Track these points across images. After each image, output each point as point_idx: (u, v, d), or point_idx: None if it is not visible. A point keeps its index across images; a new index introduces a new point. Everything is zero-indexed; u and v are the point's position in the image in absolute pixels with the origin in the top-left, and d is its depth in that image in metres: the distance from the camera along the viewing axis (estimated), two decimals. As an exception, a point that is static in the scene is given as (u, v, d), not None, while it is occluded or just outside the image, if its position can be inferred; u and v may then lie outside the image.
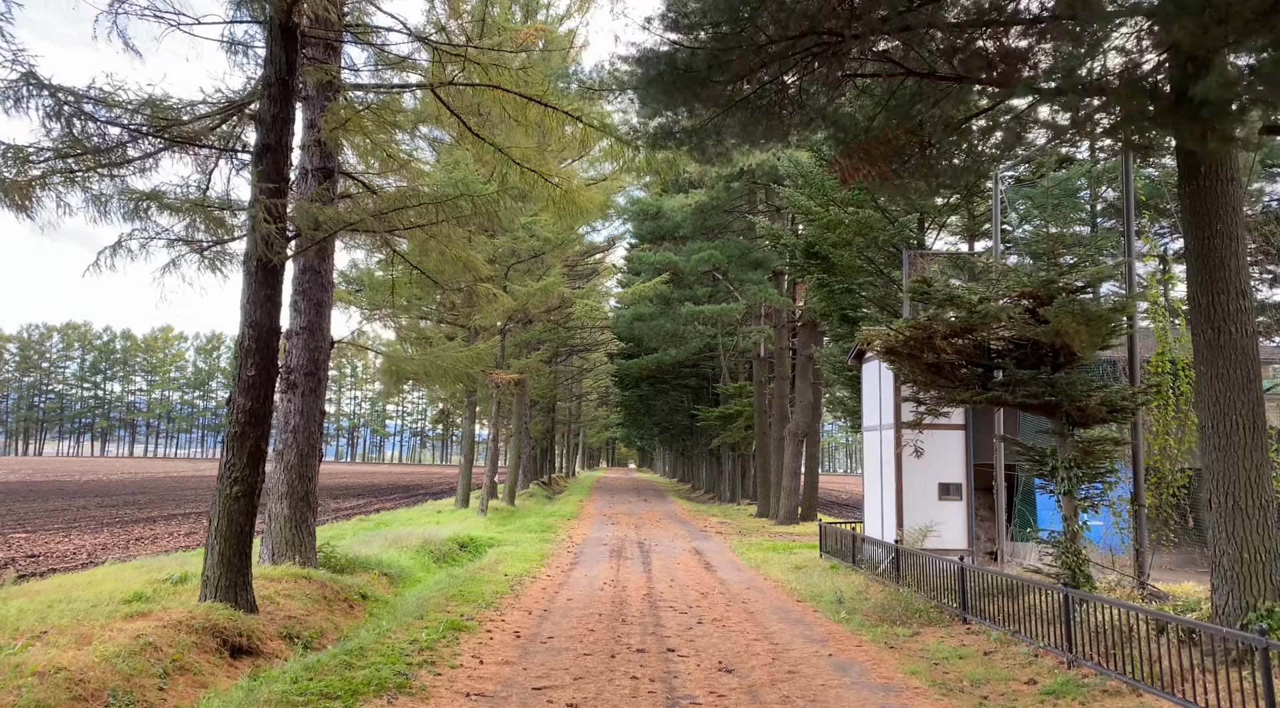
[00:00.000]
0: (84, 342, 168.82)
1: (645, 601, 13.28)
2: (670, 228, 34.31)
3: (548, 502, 42.25)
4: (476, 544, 20.58)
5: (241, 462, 10.02)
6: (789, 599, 13.71)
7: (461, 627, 10.39)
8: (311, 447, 13.40)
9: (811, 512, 32.14)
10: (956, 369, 12.69)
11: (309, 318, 13.47)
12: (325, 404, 13.76)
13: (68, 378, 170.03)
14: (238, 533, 9.99)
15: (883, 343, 12.55)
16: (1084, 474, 11.70)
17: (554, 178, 14.98)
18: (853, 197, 20.57)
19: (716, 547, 22.28)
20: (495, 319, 28.28)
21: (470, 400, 32.54)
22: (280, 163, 10.25)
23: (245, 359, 10.11)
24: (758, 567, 17.96)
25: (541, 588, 14.29)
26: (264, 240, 9.84)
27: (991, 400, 11.81)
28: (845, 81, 11.21)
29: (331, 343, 13.86)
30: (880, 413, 18.26)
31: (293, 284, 13.59)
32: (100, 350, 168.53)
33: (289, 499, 13.15)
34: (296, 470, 13.25)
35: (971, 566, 12.52)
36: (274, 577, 11.46)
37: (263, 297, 10.19)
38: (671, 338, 34.83)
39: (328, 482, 67.97)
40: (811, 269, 21.67)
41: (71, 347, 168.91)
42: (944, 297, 11.15)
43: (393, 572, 15.04)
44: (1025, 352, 11.73)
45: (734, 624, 11.44)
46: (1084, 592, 10.20)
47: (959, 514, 17.26)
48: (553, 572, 16.52)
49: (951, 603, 12.56)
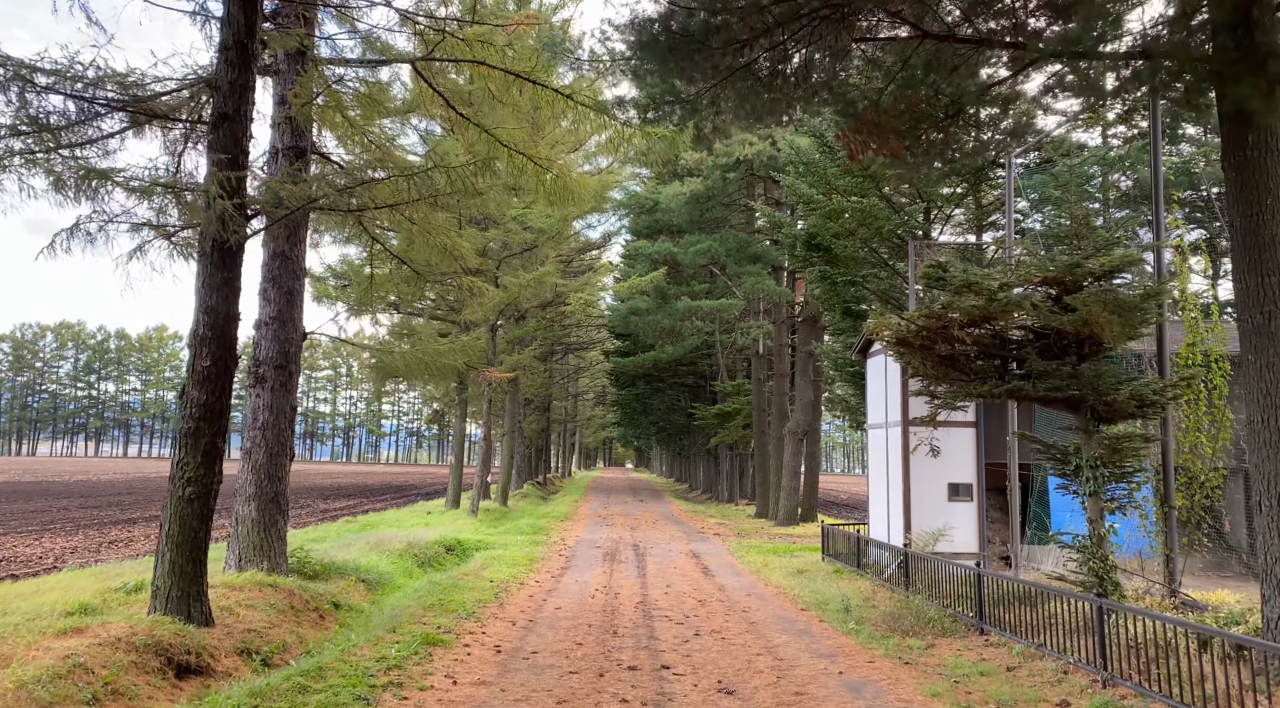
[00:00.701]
0: (78, 341, 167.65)
1: (639, 609, 12.42)
2: (667, 221, 33.43)
3: (542, 502, 41.38)
4: (464, 547, 19.71)
5: (195, 460, 9.15)
6: (792, 607, 12.85)
7: (437, 641, 9.52)
8: (281, 445, 12.52)
9: (811, 512, 31.28)
10: (972, 361, 11.85)
11: (279, 307, 12.60)
12: (297, 400, 12.89)
13: (61, 378, 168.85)
14: (191, 539, 9.12)
15: (894, 333, 11.69)
16: (1110, 474, 10.86)
17: (545, 162, 14.12)
18: (856, 184, 19.74)
19: (714, 550, 21.42)
20: (486, 314, 27.42)
21: (461, 398, 31.66)
22: (238, 134, 9.38)
23: (200, 349, 9.24)
24: (758, 571, 17.11)
25: (529, 595, 13.42)
26: (219, 218, 8.96)
27: (1011, 394, 10.96)
28: (854, 47, 10.36)
29: (303, 334, 12.99)
30: (886, 409, 17.42)
31: (262, 271, 12.73)
32: (94, 350, 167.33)
33: (257, 501, 12.28)
34: (265, 470, 12.38)
35: (989, 572, 11.67)
36: (236, 585, 10.58)
37: (219, 280, 9.31)
38: (668, 334, 33.95)
39: (320, 482, 66.99)
40: (813, 261, 20.82)
41: (65, 346, 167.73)
42: (961, 283, 10.29)
43: (371, 578, 14.17)
44: (1048, 342, 10.88)
45: (734, 636, 10.58)
46: (1118, 602, 9.36)
47: (970, 516, 16.42)
48: (542, 577, 15.66)
49: (967, 612, 11.72)
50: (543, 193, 14.84)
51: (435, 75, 14.19)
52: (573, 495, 49.49)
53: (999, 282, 10.13)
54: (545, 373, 46.42)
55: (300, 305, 12.88)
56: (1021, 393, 10.94)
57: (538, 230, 27.98)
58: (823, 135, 20.46)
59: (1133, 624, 9.18)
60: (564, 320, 52.22)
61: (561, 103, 13.75)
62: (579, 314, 36.24)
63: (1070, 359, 10.83)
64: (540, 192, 14.84)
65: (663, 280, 29.61)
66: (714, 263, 30.96)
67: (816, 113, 11.42)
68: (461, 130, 14.54)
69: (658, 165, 32.43)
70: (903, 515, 16.43)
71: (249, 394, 12.61)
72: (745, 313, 33.54)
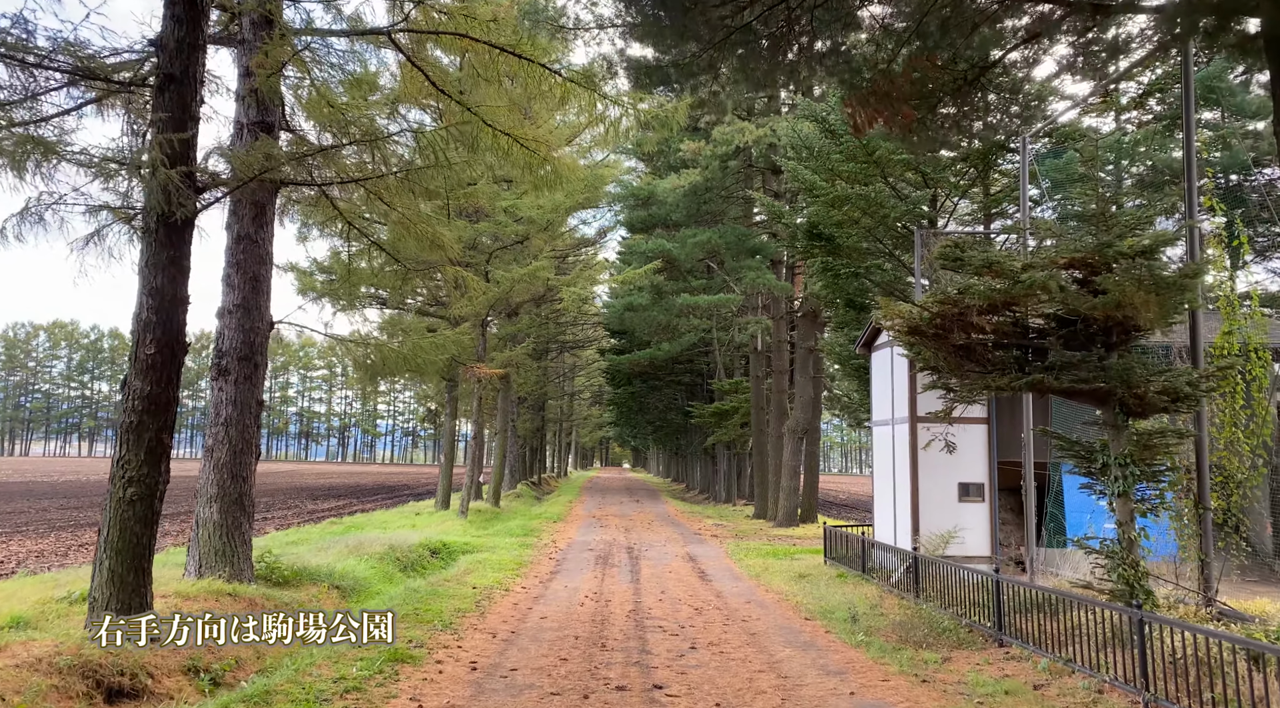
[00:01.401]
0: (71, 341, 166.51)
1: (631, 619, 11.55)
2: (663, 215, 32.55)
3: (535, 503, 40.49)
4: (450, 550, 18.82)
5: (138, 458, 8.27)
6: (796, 616, 11.98)
7: (405, 657, 8.64)
8: (246, 442, 11.64)
9: (811, 513, 30.43)
10: (990, 351, 10.99)
11: (244, 294, 11.71)
12: (263, 394, 12.01)
13: (54, 377, 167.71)
14: (133, 545, 8.24)
15: (905, 322, 10.83)
16: (1141, 472, 10.00)
17: (532, 143, 13.24)
18: (860, 170, 18.88)
19: (712, 552, 20.55)
20: (476, 309, 26.54)
21: (451, 396, 30.77)
22: (186, 97, 8.49)
23: (143, 334, 8.36)
24: (757, 576, 16.24)
25: (513, 603, 12.54)
26: (164, 190, 8.08)
27: (1033, 386, 10.09)
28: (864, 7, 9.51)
29: (271, 324, 12.10)
30: (893, 405, 16.56)
31: (226, 255, 11.84)
32: (87, 349, 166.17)
33: (219, 502, 11.39)
34: (229, 469, 11.49)
35: (1009, 578, 10.82)
36: (190, 595, 9.70)
37: (164, 259, 8.43)
38: (664, 330, 33.07)
39: (313, 482, 66.04)
40: (815, 251, 19.95)
41: (58, 346, 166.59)
42: (981, 263, 9.42)
43: (346, 584, 13.28)
44: (1073, 330, 10.02)
45: (734, 650, 9.71)
46: (1159, 614, 8.51)
47: (981, 517, 15.57)
48: (529, 583, 14.78)
49: (985, 622, 10.86)
50: (530, 177, 13.97)
51: (415, 47, 13.34)
52: (567, 496, 48.61)
53: (1022, 263, 9.26)
54: (539, 371, 45.53)
55: (267, 293, 12.00)
56: (1044, 385, 10.08)
57: (529, 222, 27.09)
58: (825, 119, 19.61)
59: (1171, 638, 8.35)
60: (559, 318, 51.36)
61: (548, 79, 12.88)
62: (573, 310, 35.37)
63: (1097, 349, 9.97)
64: (528, 176, 13.97)
65: (659, 277, 28.74)
66: (711, 256, 30.09)
67: (821, 81, 10.56)
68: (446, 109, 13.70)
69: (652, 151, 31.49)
70: (910, 517, 15.57)
71: (211, 388, 11.73)
72: (743, 308, 32.68)
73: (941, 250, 9.68)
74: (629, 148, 31.74)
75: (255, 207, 11.79)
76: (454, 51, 13.65)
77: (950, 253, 9.66)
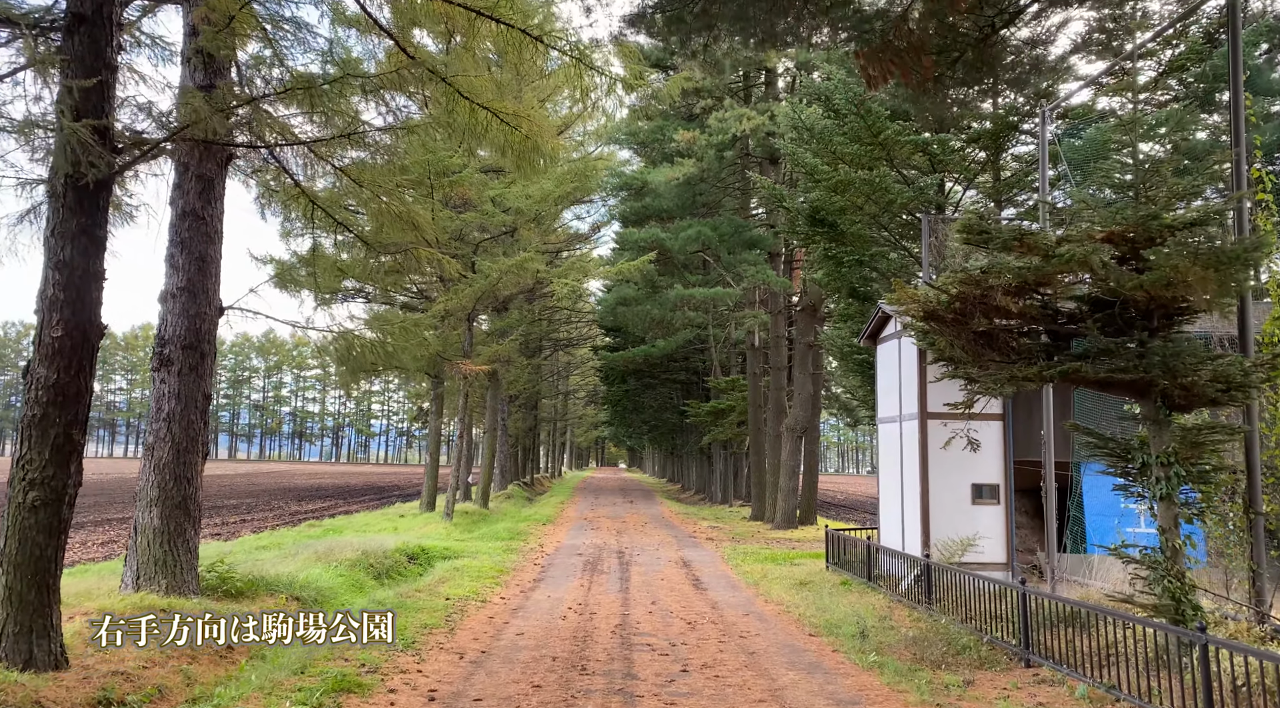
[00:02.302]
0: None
1: (616, 635, 10.44)
2: (657, 208, 31.42)
3: (527, 504, 39.35)
4: (428, 556, 17.70)
5: (42, 457, 7.17)
6: (799, 632, 10.88)
7: (353, 686, 7.53)
8: (191, 440, 10.52)
9: (810, 515, 29.35)
10: (1014, 339, 9.91)
11: (189, 276, 10.59)
12: (211, 386, 10.89)
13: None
14: (35, 558, 7.13)
15: (921, 307, 9.73)
16: (1187, 473, 8.92)
17: (512, 118, 12.12)
18: (864, 153, 17.78)
19: (707, 557, 19.45)
20: (463, 302, 25.43)
21: (436, 393, 29.66)
22: (99, 42, 7.38)
23: (49, 314, 7.25)
24: (756, 584, 15.14)
25: (488, 617, 11.43)
26: (70, 146, 6.97)
27: (1065, 376, 9.01)
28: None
29: (220, 309, 10.98)
30: (900, 401, 15.47)
31: (170, 233, 10.73)
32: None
33: (160, 506, 10.28)
34: (171, 470, 10.37)
35: (1037, 590, 9.74)
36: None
37: (74, 227, 7.31)
38: (658, 325, 31.95)
39: (302, 482, 64.83)
40: (817, 237, 18.85)
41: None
42: (1011, 236, 8.33)
43: (307, 595, 12.15)
44: (1110, 313, 8.93)
45: (730, 673, 8.62)
46: (1220, 637, 7.43)
47: (997, 521, 14.49)
48: (509, 593, 13.67)
49: (1009, 638, 9.78)
50: (511, 155, 12.82)
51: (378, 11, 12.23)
52: (559, 497, 47.49)
53: (1056, 236, 8.17)
54: (530, 368, 44.39)
55: (215, 275, 10.88)
56: (1078, 375, 8.99)
57: (517, 212, 25.98)
58: (829, 99, 18.52)
59: (1231, 663, 7.29)
60: (552, 315, 50.20)
61: (530, 48, 11.75)
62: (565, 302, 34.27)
63: (1138, 334, 8.90)
64: (509, 154, 12.83)
65: (653, 269, 27.64)
66: (707, 249, 28.98)
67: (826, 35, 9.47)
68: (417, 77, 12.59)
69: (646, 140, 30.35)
70: (920, 521, 14.49)
71: (153, 380, 10.61)
72: (740, 303, 31.58)
73: (964, 223, 8.59)
74: (622, 137, 30.63)
75: (201, 180, 10.68)
76: (428, 19, 12.55)
77: (974, 225, 8.57)
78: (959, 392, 10.41)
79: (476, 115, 12.19)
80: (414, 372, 29.49)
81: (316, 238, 12.97)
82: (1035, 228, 12.15)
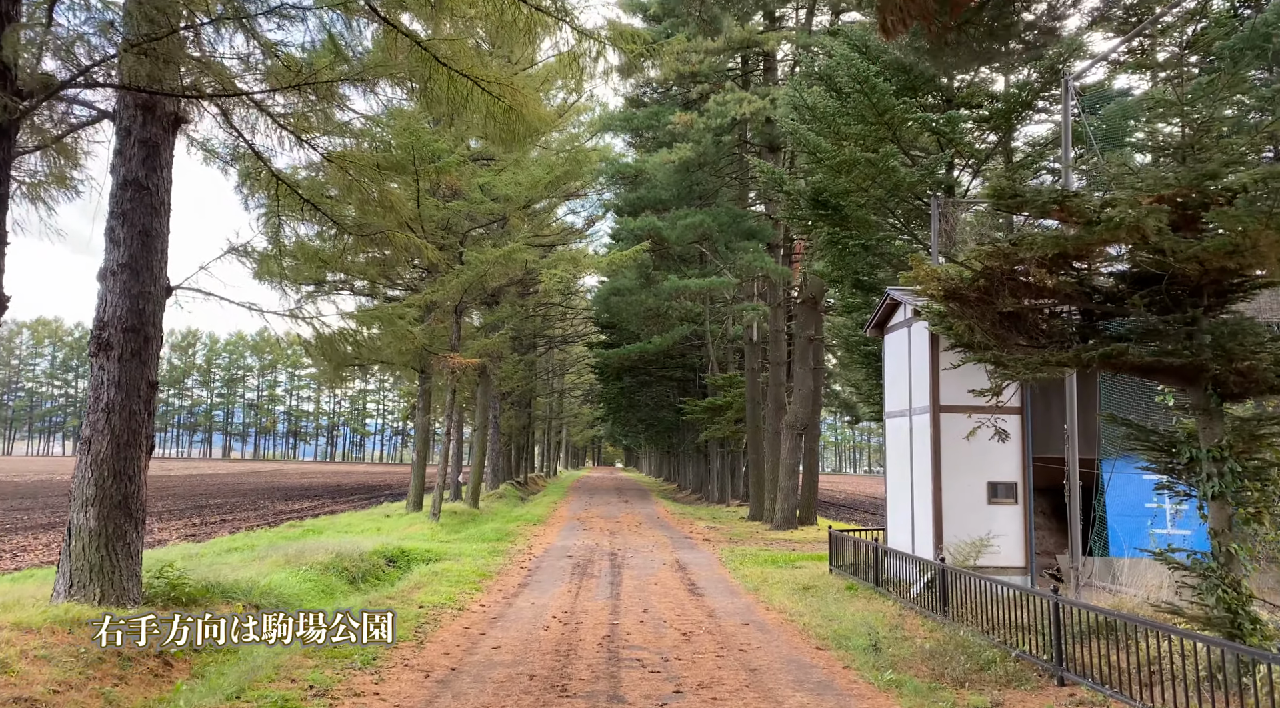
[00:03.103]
0: (55, 338, 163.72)
1: (603, 649, 9.45)
2: (653, 198, 30.37)
3: (519, 504, 38.32)
4: (408, 558, 16.68)
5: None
6: (805, 644, 9.88)
7: (293, 714, 6.53)
8: (133, 433, 9.50)
9: (810, 515, 28.36)
10: (1043, 320, 8.94)
11: (131, 252, 9.57)
12: (157, 374, 9.87)
13: (38, 375, 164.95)
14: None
15: (941, 285, 8.75)
16: (1243, 469, 7.95)
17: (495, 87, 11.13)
18: (870, 132, 16.79)
19: (704, 560, 18.46)
20: (448, 293, 24.42)
21: (424, 388, 28.64)
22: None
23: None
24: (756, 589, 14.15)
25: (463, 627, 10.42)
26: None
27: (1107, 360, 8.02)
28: None
29: (167, 288, 9.97)
30: (910, 393, 14.49)
31: (110, 203, 9.71)
32: (71, 347, 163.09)
33: (98, 506, 9.26)
34: (110, 466, 9.35)
35: (1072, 600, 8.76)
36: (32, 627, 7.57)
37: (-31, 182, 6.31)
38: (654, 318, 30.93)
39: (293, 482, 63.71)
40: (819, 222, 17.85)
41: (42, 343, 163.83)
42: (1051, 198, 7.33)
43: (268, 603, 11.13)
44: (1157, 288, 7.96)
45: (730, 695, 7.62)
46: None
47: (1014, 522, 13.51)
48: (490, 600, 12.67)
49: (1039, 653, 8.79)
50: (495, 127, 11.83)
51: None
52: (553, 496, 46.47)
53: (1103, 200, 7.19)
54: (524, 365, 43.35)
55: (162, 251, 9.86)
56: (1120, 359, 8.01)
57: (505, 200, 24.95)
58: (830, 77, 17.52)
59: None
60: (547, 311, 49.14)
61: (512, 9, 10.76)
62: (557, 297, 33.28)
63: (1188, 312, 7.92)
64: (492, 125, 11.84)
65: (648, 259, 26.64)
66: (705, 239, 27.96)
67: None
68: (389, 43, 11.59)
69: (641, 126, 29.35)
70: (932, 521, 13.51)
71: (90, 366, 9.60)
72: (738, 295, 30.58)
73: (995, 187, 7.61)
74: (617, 124, 29.59)
75: (145, 146, 9.65)
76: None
77: (1006, 189, 7.57)
78: (980, 380, 9.41)
79: (455, 84, 11.24)
80: (399, 366, 28.49)
81: (277, 213, 11.92)
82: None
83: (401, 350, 24.86)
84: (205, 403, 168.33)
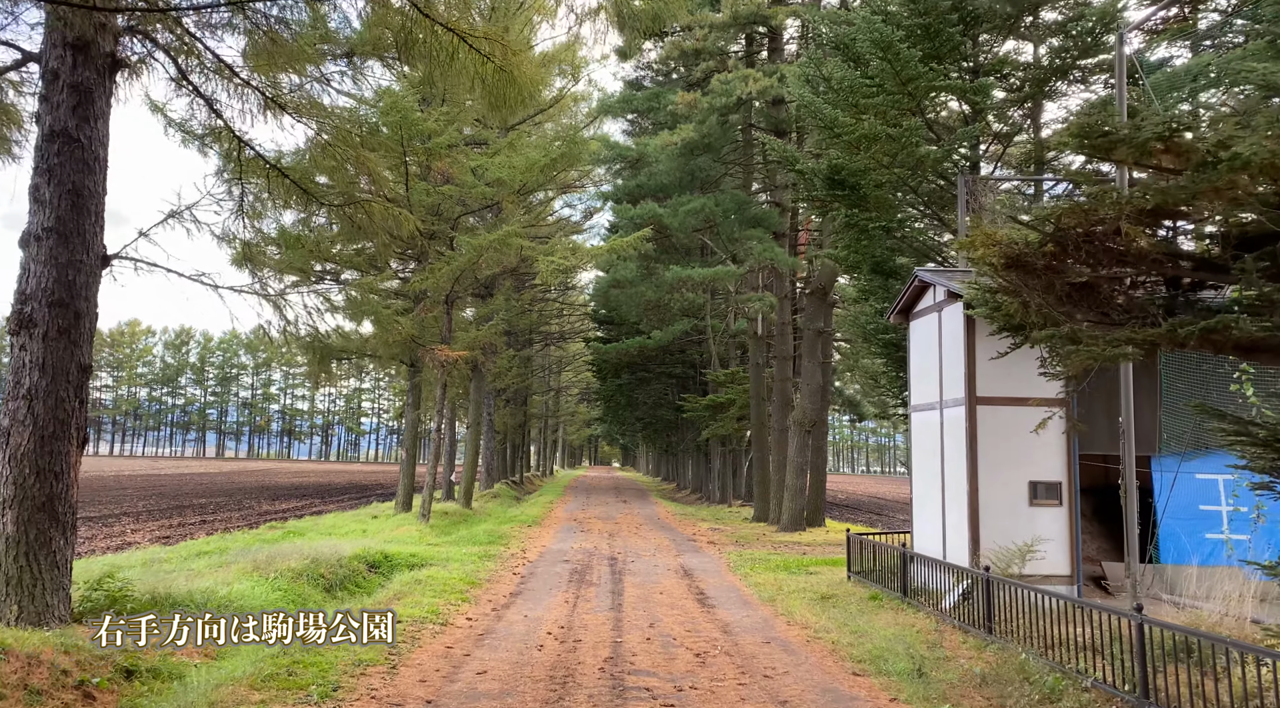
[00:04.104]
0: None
1: (605, 673, 8.15)
2: (654, 185, 29.03)
3: (514, 504, 37.00)
4: (392, 563, 15.37)
5: None
6: (838, 669, 8.58)
7: (220, 772, 5.22)
8: (60, 423, 8.18)
9: (818, 516, 27.09)
10: (1121, 292, 7.66)
11: (59, 214, 8.26)
12: (90, 356, 8.55)
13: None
14: None
15: (1003, 251, 7.45)
16: (1369, 466, 6.68)
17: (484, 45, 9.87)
18: (890, 102, 15.48)
19: (711, 565, 17.16)
20: (439, 281, 23.12)
21: (413, 383, 27.33)
22: None
23: None
24: (771, 599, 12.86)
25: (445, 647, 9.10)
26: None
27: (1208, 335, 6.72)
28: None
29: (102, 257, 8.66)
30: (941, 385, 13.20)
31: (35, 157, 8.40)
32: None
33: (16, 509, 7.95)
34: (31, 461, 8.04)
35: (1158, 620, 7.48)
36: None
37: None
38: (654, 311, 29.61)
39: (285, 481, 62.30)
40: (836, 203, 16.55)
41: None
42: (1154, 134, 6.02)
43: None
44: (1273, 249, 6.66)
45: (759, 737, 6.33)
46: None
47: (1058, 525, 12.22)
48: (477, 612, 11.35)
49: (1120, 684, 7.51)
50: (483, 91, 10.60)
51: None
52: (549, 496, 45.15)
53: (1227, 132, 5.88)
54: (519, 361, 42.02)
55: (96, 213, 8.54)
56: (1225, 335, 6.71)
57: (499, 184, 23.62)
58: (848, 46, 16.22)
59: None
60: (543, 308, 47.81)
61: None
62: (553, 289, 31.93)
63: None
64: (480, 89, 10.59)
65: (649, 248, 25.33)
66: (707, 227, 26.66)
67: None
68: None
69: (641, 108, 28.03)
70: (967, 525, 12.22)
71: (10, 346, 8.29)
72: (742, 286, 29.27)
73: (1079, 126, 6.29)
74: (617, 106, 28.27)
75: (76, 91, 8.34)
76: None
77: (1093, 127, 6.27)
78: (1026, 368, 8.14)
79: (440, 39, 10.02)
80: (387, 359, 27.21)
81: (238, 176, 10.58)
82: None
83: (388, 342, 23.56)
84: (199, 402, 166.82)
